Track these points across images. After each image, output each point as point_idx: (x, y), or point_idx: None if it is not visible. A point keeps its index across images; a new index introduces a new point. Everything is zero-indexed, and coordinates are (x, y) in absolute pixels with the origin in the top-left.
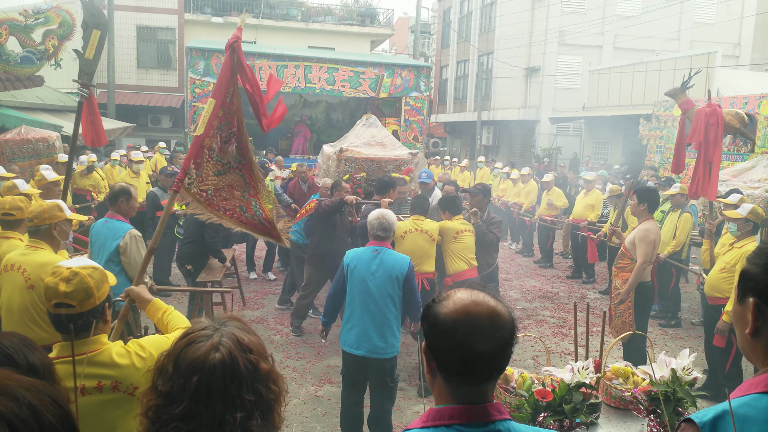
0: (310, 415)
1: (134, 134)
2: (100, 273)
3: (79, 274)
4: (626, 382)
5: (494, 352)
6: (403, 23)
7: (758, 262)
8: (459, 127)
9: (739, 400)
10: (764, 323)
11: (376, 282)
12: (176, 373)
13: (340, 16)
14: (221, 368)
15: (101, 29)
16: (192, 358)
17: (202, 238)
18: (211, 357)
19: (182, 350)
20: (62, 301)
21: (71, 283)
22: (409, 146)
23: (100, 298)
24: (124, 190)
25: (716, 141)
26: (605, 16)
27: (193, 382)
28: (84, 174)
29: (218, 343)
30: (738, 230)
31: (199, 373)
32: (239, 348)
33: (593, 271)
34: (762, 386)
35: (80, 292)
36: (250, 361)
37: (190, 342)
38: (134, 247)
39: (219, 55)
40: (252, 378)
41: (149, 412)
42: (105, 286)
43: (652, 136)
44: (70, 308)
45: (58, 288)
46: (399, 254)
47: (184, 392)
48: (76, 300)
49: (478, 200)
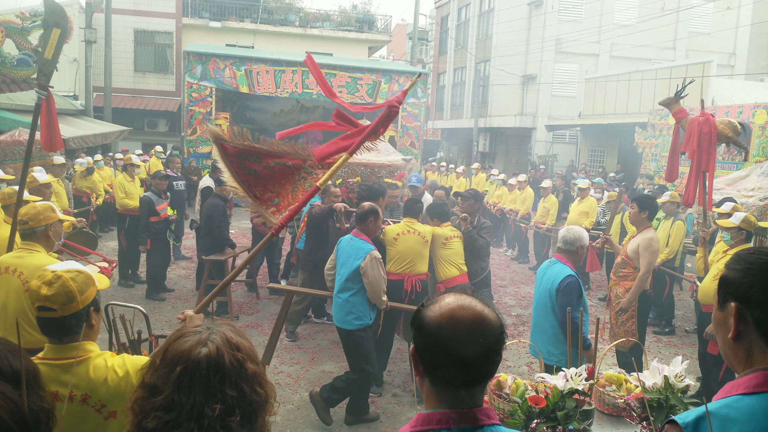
0: (303, 420)
1: (131, 138)
2: (84, 277)
3: (61, 278)
4: (619, 389)
5: (479, 356)
6: (401, 30)
7: (737, 267)
8: (456, 134)
9: (721, 402)
10: (746, 327)
11: (538, 292)
12: (162, 363)
13: (338, 22)
14: (206, 361)
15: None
16: (179, 350)
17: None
18: (197, 350)
19: (171, 344)
20: (43, 305)
21: (53, 286)
22: (406, 152)
23: (84, 302)
24: (374, 210)
25: (710, 150)
26: (602, 25)
27: (177, 372)
28: (83, 176)
29: (206, 338)
30: (731, 239)
31: (184, 363)
32: (227, 345)
33: (588, 278)
34: (743, 388)
35: (61, 296)
36: (236, 358)
37: (178, 337)
38: (375, 268)
39: (216, 60)
40: (236, 375)
41: (134, 405)
42: (90, 291)
43: (648, 144)
44: (52, 311)
45: (39, 291)
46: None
47: (167, 382)
48: (58, 303)
49: (469, 205)
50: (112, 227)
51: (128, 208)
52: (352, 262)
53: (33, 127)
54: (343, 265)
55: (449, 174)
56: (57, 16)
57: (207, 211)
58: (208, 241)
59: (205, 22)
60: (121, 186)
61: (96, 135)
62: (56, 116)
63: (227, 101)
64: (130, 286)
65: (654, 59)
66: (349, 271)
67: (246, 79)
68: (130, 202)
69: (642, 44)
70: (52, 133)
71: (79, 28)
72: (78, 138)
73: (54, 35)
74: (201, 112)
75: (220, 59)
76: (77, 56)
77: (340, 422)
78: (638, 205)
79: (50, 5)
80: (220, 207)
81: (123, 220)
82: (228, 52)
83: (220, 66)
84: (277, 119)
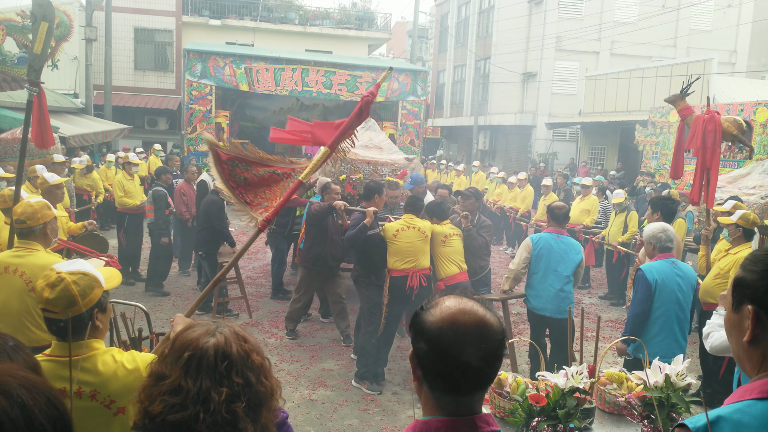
0: (304, 418)
1: (131, 136)
2: (88, 280)
3: (64, 281)
4: (620, 387)
5: (480, 363)
6: (401, 27)
7: (754, 269)
8: (456, 132)
9: (734, 406)
10: (763, 331)
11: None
12: (170, 352)
13: (338, 20)
14: (214, 348)
15: (48, 21)
16: (187, 339)
17: (211, 226)
18: (205, 339)
19: (180, 334)
20: (45, 307)
21: (55, 289)
22: (405, 150)
23: (87, 305)
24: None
25: (714, 148)
26: (602, 23)
27: (185, 358)
28: (83, 173)
29: (215, 330)
30: (729, 235)
31: (192, 350)
32: (234, 336)
33: (588, 277)
34: (756, 393)
35: (62, 300)
36: (243, 348)
37: (187, 328)
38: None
39: (216, 58)
40: (243, 363)
41: (141, 394)
42: (94, 293)
43: (648, 142)
44: (53, 314)
45: (42, 293)
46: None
47: (174, 367)
48: (59, 307)
49: (470, 203)
50: (112, 225)
51: (127, 206)
52: (573, 256)
53: (26, 124)
54: (560, 261)
55: (449, 172)
56: (44, 9)
57: (204, 207)
58: (203, 237)
59: (205, 20)
60: (120, 185)
61: (96, 133)
62: (48, 113)
63: (227, 99)
64: (130, 284)
65: (654, 57)
66: (574, 265)
67: (246, 77)
68: (129, 201)
69: (643, 42)
70: (44, 129)
71: (79, 26)
72: (78, 136)
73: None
74: (201, 110)
75: (220, 57)
76: (77, 54)
77: (341, 420)
78: (651, 206)
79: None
80: (217, 203)
81: (122, 218)
82: (228, 50)
83: (220, 64)
84: (277, 117)
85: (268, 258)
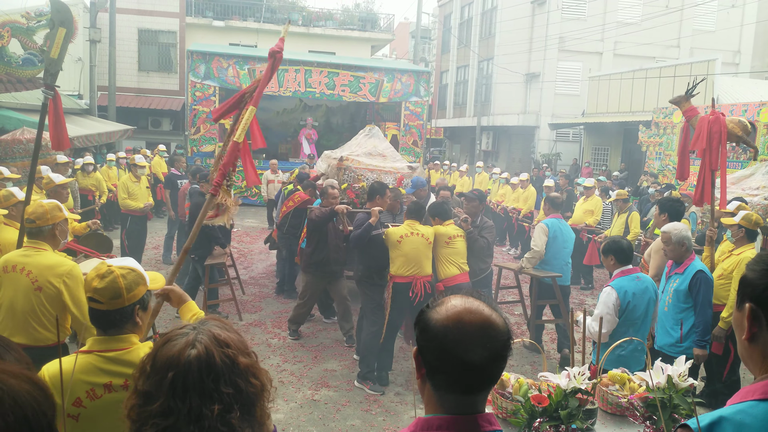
0: (306, 419)
1: (135, 137)
2: (135, 275)
3: (113, 273)
4: (622, 388)
5: (485, 362)
6: (404, 28)
7: (756, 268)
8: (459, 132)
9: (736, 407)
10: (760, 329)
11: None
12: (153, 370)
13: (341, 21)
14: (197, 363)
15: (66, 27)
16: (168, 356)
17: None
18: (186, 353)
19: (159, 349)
20: (91, 296)
21: (104, 280)
22: (408, 150)
23: (130, 300)
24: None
25: (719, 149)
26: (605, 23)
27: (169, 378)
28: (83, 173)
29: (194, 340)
30: (732, 236)
31: (175, 368)
32: (215, 343)
33: (591, 277)
34: (759, 393)
35: (109, 291)
36: (227, 355)
37: (166, 341)
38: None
39: (220, 59)
40: (230, 372)
41: (130, 412)
42: (139, 289)
43: (652, 142)
44: (99, 304)
45: (92, 283)
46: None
47: (160, 389)
48: (105, 298)
49: (474, 206)
50: (116, 225)
51: (130, 208)
52: (571, 236)
53: (40, 126)
54: (566, 240)
55: (452, 173)
56: (62, 15)
57: (193, 210)
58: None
59: (209, 22)
60: (124, 186)
61: (100, 134)
62: (63, 115)
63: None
64: None
65: (658, 57)
66: (572, 244)
67: (249, 78)
68: (132, 203)
69: (646, 42)
70: (60, 132)
71: (83, 27)
72: (83, 137)
73: (60, 34)
74: (204, 111)
75: (224, 58)
76: (81, 56)
77: (344, 421)
78: (659, 207)
79: (56, 4)
80: (202, 205)
81: (125, 219)
82: (231, 51)
83: (224, 65)
84: (280, 118)
85: (271, 259)
